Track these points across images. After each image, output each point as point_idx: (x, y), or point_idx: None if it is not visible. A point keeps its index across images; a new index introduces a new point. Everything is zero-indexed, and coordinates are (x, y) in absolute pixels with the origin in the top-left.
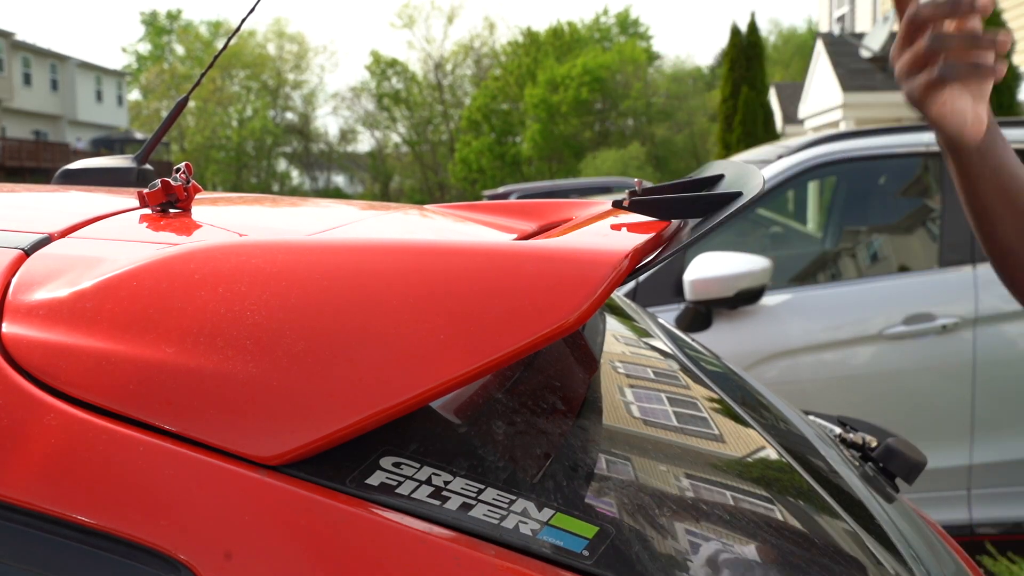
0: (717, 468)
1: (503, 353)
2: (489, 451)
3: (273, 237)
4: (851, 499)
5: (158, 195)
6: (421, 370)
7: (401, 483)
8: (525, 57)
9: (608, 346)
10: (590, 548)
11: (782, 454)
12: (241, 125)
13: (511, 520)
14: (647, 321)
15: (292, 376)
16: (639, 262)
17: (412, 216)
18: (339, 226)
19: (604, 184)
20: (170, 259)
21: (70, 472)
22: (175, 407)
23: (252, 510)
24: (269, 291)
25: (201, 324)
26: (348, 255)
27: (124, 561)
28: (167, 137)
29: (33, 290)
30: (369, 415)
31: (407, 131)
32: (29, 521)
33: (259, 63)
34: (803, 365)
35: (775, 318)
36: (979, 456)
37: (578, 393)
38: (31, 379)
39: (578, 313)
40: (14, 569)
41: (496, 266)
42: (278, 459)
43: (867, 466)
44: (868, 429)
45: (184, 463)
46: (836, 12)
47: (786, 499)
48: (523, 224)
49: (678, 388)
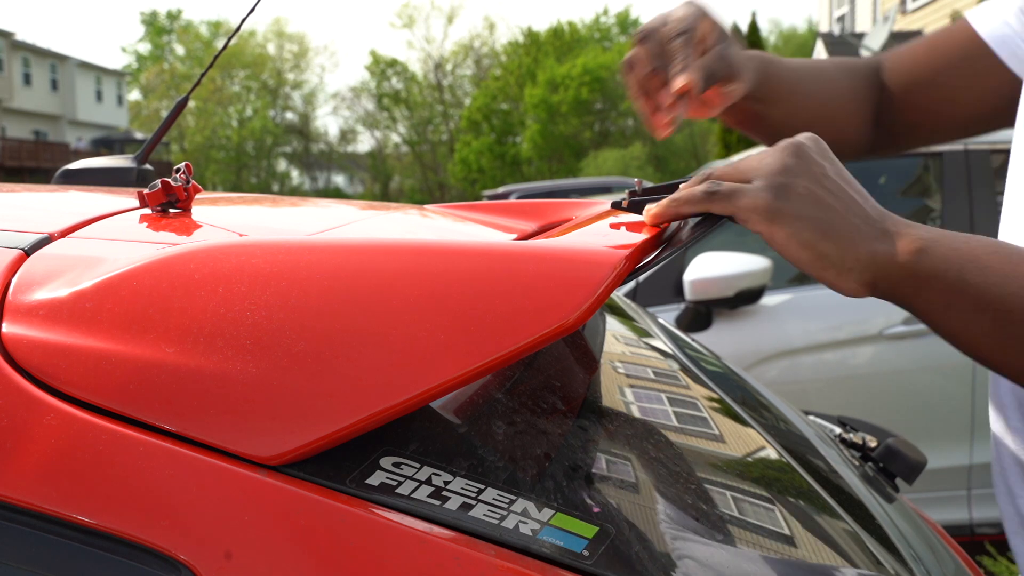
0: (717, 468)
1: (503, 353)
2: (489, 451)
3: (273, 237)
4: (851, 499)
5: (158, 195)
6: (421, 370)
7: (401, 483)
8: (525, 57)
9: (608, 346)
10: (590, 548)
11: (782, 454)
12: (241, 125)
13: (511, 520)
14: (647, 321)
15: (292, 376)
16: (639, 262)
17: (412, 216)
18: (339, 226)
19: (604, 184)
20: (170, 259)
21: (70, 472)
22: (175, 407)
23: (252, 510)
24: (269, 291)
25: (201, 324)
26: (348, 255)
27: (124, 561)
28: (167, 137)
29: (33, 290)
30: (369, 415)
31: (407, 131)
32: (29, 521)
33: (259, 63)
34: (803, 365)
35: (775, 318)
36: (979, 456)
37: (578, 393)
38: (31, 379)
39: (578, 313)
40: (14, 569)
41: (496, 266)
42: (278, 459)
43: (867, 466)
44: (868, 429)
45: (184, 463)
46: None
47: (786, 499)
48: (523, 224)
49: (678, 388)
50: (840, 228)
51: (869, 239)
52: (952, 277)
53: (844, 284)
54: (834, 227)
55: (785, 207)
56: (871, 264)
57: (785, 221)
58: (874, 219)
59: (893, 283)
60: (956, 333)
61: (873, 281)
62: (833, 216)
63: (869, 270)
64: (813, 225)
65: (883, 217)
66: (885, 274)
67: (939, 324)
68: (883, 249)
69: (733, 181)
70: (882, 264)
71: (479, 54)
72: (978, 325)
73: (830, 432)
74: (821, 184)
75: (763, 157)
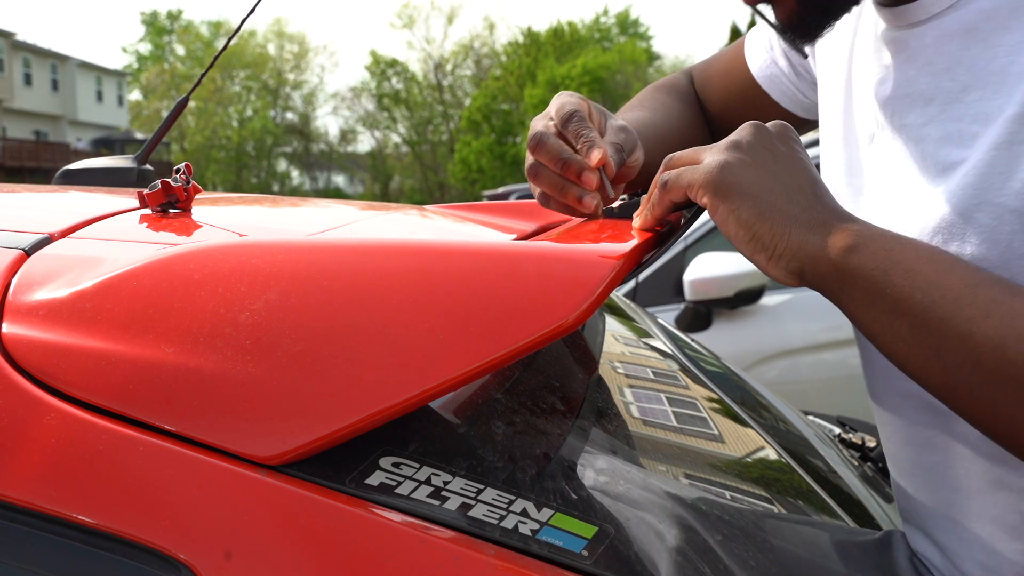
0: (717, 468)
1: (502, 353)
2: (489, 451)
3: (273, 237)
4: (850, 499)
5: (158, 196)
6: (421, 370)
7: (401, 483)
8: (525, 57)
9: (608, 346)
10: (589, 548)
11: (781, 454)
12: (241, 125)
13: (510, 520)
14: (647, 321)
15: (292, 376)
16: (638, 261)
17: (412, 216)
18: (339, 226)
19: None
20: (170, 259)
21: (70, 472)
22: (175, 407)
23: (252, 510)
24: (269, 291)
25: (201, 324)
26: (348, 255)
27: (124, 561)
28: (167, 137)
29: (33, 290)
30: (369, 415)
31: (407, 131)
32: (29, 521)
33: (259, 63)
34: (803, 365)
35: (775, 318)
36: None
37: (578, 393)
38: (31, 379)
39: (577, 313)
40: (14, 569)
41: (495, 266)
42: (278, 459)
43: (867, 466)
44: (868, 429)
45: (184, 463)
46: None
47: (785, 499)
48: (523, 224)
49: (678, 388)
50: (778, 213)
51: (803, 228)
52: (877, 277)
53: (774, 270)
54: (772, 211)
55: (729, 179)
56: (799, 253)
57: (727, 196)
58: (815, 209)
59: (820, 275)
60: (875, 334)
61: (801, 271)
62: (774, 199)
63: (797, 259)
64: (752, 205)
65: (825, 209)
66: (813, 266)
67: (861, 323)
68: (814, 240)
69: (686, 163)
70: (811, 255)
71: (479, 54)
72: (895, 329)
73: (829, 432)
74: (769, 166)
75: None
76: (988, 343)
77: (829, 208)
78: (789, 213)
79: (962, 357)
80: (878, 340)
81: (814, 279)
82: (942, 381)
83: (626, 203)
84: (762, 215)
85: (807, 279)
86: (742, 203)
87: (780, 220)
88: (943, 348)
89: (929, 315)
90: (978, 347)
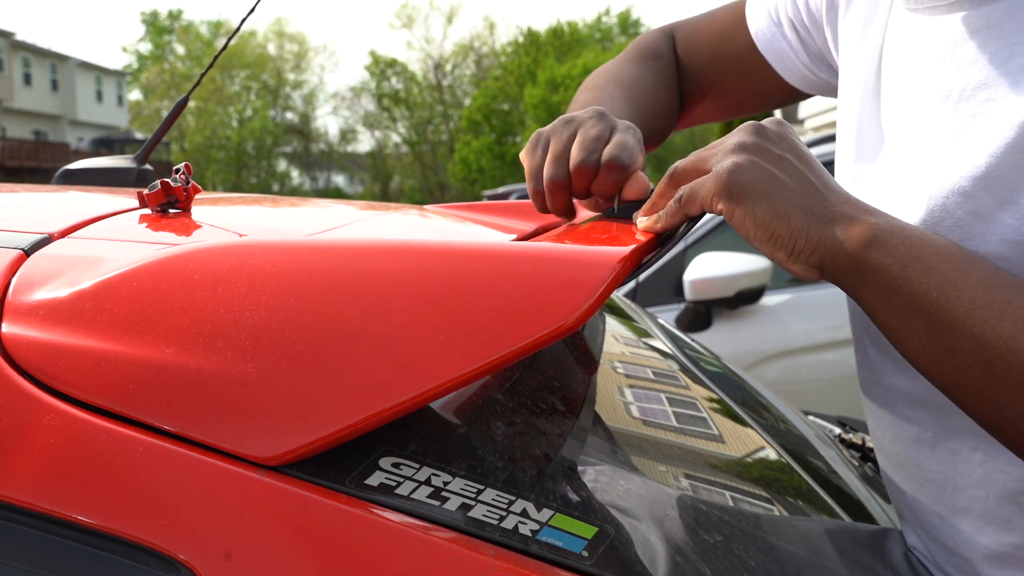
0: (717, 468)
1: (503, 354)
2: (489, 451)
3: (273, 237)
4: (851, 499)
5: (158, 196)
6: (420, 371)
7: (400, 483)
8: (525, 57)
9: (608, 346)
10: (589, 548)
11: (782, 454)
12: (241, 125)
13: (510, 520)
14: (647, 321)
15: (292, 376)
16: (639, 262)
17: (412, 216)
18: (339, 226)
19: None
20: (170, 259)
21: (70, 472)
22: (175, 407)
23: (252, 510)
24: (269, 291)
25: (201, 324)
26: (348, 256)
27: (124, 561)
28: (167, 137)
29: (33, 290)
30: (369, 415)
31: (407, 131)
32: (29, 521)
33: (259, 63)
34: (803, 365)
35: (775, 318)
36: None
37: (578, 393)
38: (31, 379)
39: (578, 314)
40: (14, 569)
41: (495, 267)
42: (278, 459)
43: (867, 466)
44: (868, 429)
45: (184, 463)
46: None
47: (785, 499)
48: (523, 224)
49: (678, 388)
50: (793, 209)
51: (821, 222)
52: (895, 272)
53: (794, 266)
54: (787, 207)
55: (740, 181)
56: (819, 247)
57: (741, 198)
58: (830, 202)
59: (839, 269)
60: (891, 328)
61: (821, 265)
62: (788, 196)
63: (817, 253)
64: (768, 203)
65: (840, 200)
66: (832, 259)
67: (878, 317)
68: (833, 233)
69: (694, 173)
70: (830, 249)
71: (479, 54)
72: (910, 325)
73: (830, 432)
74: (777, 164)
75: (723, 140)
76: (1001, 346)
77: (844, 199)
78: (805, 207)
79: (974, 358)
80: (892, 335)
81: (833, 272)
82: (953, 379)
83: (626, 204)
84: (778, 212)
85: (827, 273)
86: (756, 203)
87: (797, 215)
88: (956, 348)
89: (943, 314)
90: (990, 349)
